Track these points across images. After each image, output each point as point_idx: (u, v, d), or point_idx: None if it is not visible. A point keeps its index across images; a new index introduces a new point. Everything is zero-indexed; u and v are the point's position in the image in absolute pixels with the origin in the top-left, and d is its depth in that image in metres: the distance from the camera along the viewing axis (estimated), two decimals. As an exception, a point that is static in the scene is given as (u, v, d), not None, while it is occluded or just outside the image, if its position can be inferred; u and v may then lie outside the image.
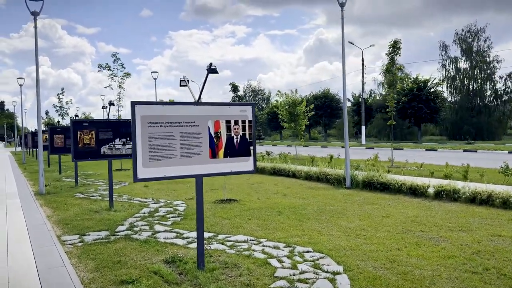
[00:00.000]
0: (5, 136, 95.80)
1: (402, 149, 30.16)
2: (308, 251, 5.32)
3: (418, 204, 8.38)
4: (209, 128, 4.68)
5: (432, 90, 44.35)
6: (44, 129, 27.05)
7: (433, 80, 44.87)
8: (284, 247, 5.53)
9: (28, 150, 33.24)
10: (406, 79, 44.56)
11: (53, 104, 41.20)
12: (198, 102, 4.74)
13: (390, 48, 16.64)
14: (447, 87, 50.11)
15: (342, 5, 11.00)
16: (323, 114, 57.83)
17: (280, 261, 4.91)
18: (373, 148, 31.55)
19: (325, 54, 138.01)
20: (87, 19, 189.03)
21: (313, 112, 22.15)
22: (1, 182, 14.50)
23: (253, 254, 5.20)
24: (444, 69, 50.73)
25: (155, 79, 26.12)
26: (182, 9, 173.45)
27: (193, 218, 7.38)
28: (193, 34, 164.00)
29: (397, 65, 16.70)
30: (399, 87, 43.35)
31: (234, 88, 36.36)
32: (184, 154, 4.54)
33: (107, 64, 18.23)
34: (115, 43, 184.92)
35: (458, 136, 46.72)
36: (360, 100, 48.08)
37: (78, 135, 8.22)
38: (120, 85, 18.52)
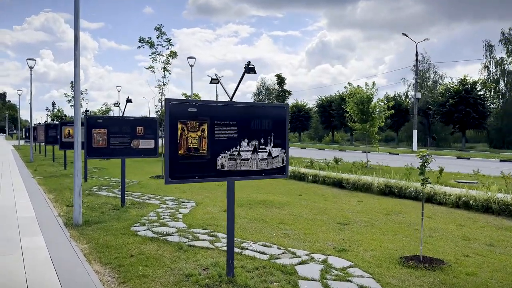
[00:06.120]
0: (6, 129, 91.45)
1: (469, 158, 25.89)
2: None
3: None
4: None
5: (480, 93, 40.13)
6: (47, 122, 23.04)
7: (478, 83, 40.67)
8: None
9: (35, 145, 29.04)
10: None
11: (64, 94, 36.65)
12: None
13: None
14: (489, 90, 45.83)
15: None
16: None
17: None
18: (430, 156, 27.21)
19: (327, 57, 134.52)
20: (91, 14, 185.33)
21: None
22: (8, 194, 10.26)
23: None
24: (487, 70, 46.49)
25: (191, 65, 21.75)
26: (184, 7, 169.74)
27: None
28: (196, 32, 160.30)
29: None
30: (455, 88, 39.13)
31: (281, 81, 31.09)
32: None
33: (150, 38, 13.87)
34: (117, 40, 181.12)
35: (501, 144, 42.52)
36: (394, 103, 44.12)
37: (179, 131, 4.04)
38: (164, 68, 14.25)
